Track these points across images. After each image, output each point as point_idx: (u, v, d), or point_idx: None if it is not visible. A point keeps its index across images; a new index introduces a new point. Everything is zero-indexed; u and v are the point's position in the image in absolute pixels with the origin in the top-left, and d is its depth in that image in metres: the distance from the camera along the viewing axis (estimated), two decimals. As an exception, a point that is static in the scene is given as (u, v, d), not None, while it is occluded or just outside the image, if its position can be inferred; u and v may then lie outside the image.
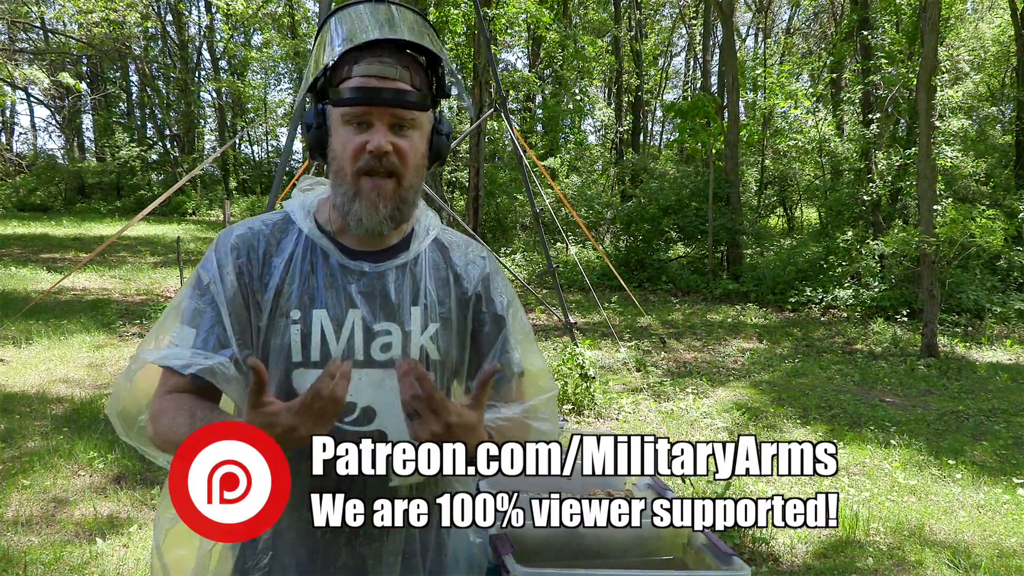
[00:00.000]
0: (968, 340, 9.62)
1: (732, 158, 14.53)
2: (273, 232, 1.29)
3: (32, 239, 16.43)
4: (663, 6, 28.05)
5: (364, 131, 1.21)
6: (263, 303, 1.25)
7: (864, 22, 14.65)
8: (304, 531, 1.27)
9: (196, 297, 1.26)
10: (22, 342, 7.37)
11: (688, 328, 10.29)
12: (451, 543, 1.38)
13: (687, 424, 5.95)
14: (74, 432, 4.98)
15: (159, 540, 1.32)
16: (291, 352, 1.24)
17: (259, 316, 1.26)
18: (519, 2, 14.74)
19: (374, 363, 1.26)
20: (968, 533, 4.08)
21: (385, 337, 1.27)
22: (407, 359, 1.14)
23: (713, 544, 1.52)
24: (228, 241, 1.28)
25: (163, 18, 27.28)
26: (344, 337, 1.25)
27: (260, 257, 1.27)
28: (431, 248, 1.35)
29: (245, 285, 1.25)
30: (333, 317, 1.25)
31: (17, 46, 23.96)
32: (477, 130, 12.76)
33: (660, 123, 31.39)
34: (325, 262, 1.28)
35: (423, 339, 1.29)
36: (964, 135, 14.66)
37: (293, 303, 1.24)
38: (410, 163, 1.24)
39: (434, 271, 1.33)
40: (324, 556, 1.28)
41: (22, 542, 3.52)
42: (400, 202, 1.25)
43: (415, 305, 1.29)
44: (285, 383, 1.25)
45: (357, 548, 1.28)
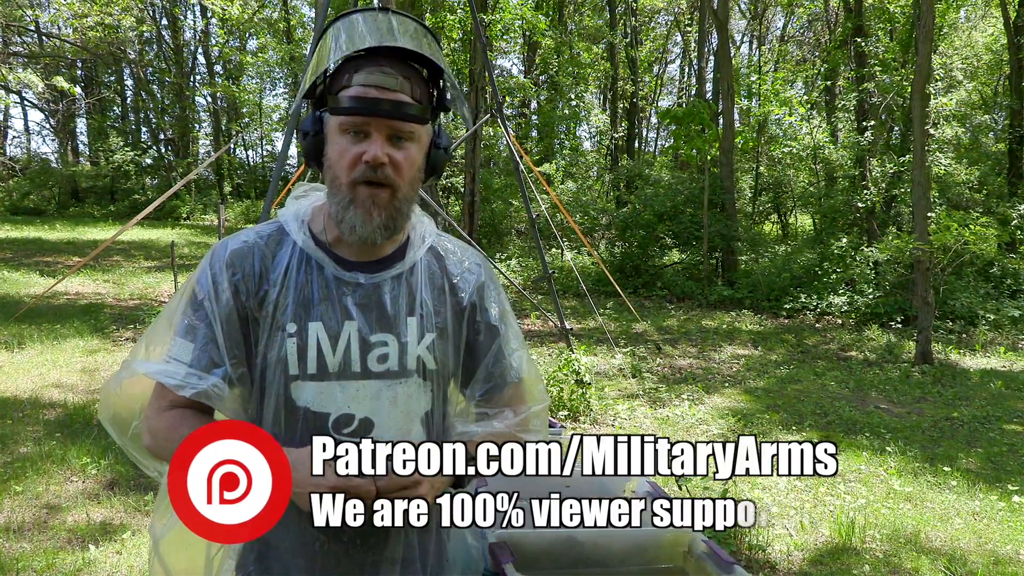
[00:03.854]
0: (962, 347, 9.64)
1: (727, 164, 14.56)
2: (268, 245, 1.28)
3: (25, 243, 16.36)
4: (658, 13, 28.14)
5: (361, 141, 1.21)
6: (261, 318, 1.25)
7: (858, 30, 14.71)
8: (303, 538, 1.26)
9: (190, 313, 1.25)
10: (15, 346, 7.32)
11: (683, 334, 10.30)
12: (450, 549, 1.38)
13: (683, 430, 5.95)
14: (67, 437, 4.95)
15: (160, 550, 1.31)
16: (288, 365, 1.23)
17: (256, 330, 1.25)
18: (515, 8, 14.76)
19: (371, 375, 1.26)
20: (964, 540, 4.08)
21: (382, 348, 1.26)
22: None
23: (714, 552, 1.51)
24: (223, 256, 1.27)
25: (158, 22, 27.24)
26: (340, 349, 1.24)
27: (256, 272, 1.26)
28: (427, 256, 1.35)
29: (241, 303, 1.25)
30: (329, 329, 1.24)
31: (11, 49, 23.90)
32: (473, 135, 12.76)
33: (655, 129, 31.49)
34: (320, 274, 1.27)
35: (420, 349, 1.28)
36: (957, 143, 14.73)
37: (288, 316, 1.24)
38: (406, 176, 1.23)
39: (430, 280, 1.33)
40: (323, 563, 1.27)
41: (14, 548, 3.48)
42: (395, 212, 1.24)
43: (411, 315, 1.29)
44: (284, 396, 1.24)
45: (356, 555, 1.27)
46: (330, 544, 1.26)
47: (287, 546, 1.27)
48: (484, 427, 1.31)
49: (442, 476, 1.20)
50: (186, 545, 1.31)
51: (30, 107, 29.73)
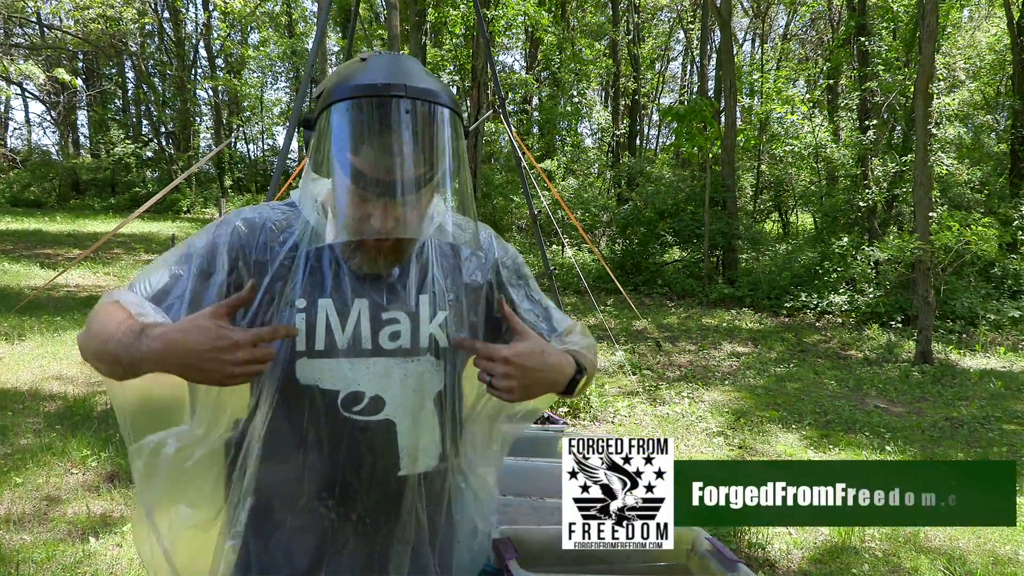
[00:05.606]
0: (962, 347, 9.64)
1: (728, 163, 14.55)
2: (280, 221, 1.27)
3: (25, 235, 16.34)
4: (661, 10, 28.10)
5: (368, 200, 1.15)
6: (265, 293, 1.22)
7: (861, 28, 14.69)
8: (311, 520, 1.25)
9: (180, 262, 1.24)
10: (15, 338, 7.32)
11: (683, 332, 10.30)
12: (459, 534, 1.37)
13: (683, 428, 5.95)
14: (67, 430, 4.95)
15: (153, 520, 1.27)
16: (295, 341, 1.21)
17: (255, 305, 1.22)
18: (518, 4, 14.74)
19: (382, 352, 1.24)
20: (963, 541, 4.08)
21: (393, 326, 1.24)
22: (455, 338, 1.24)
23: (718, 551, 1.51)
24: (234, 222, 1.26)
25: (160, 15, 27.18)
26: (350, 326, 1.22)
27: (262, 243, 1.24)
28: (438, 236, 1.30)
29: (237, 271, 1.22)
30: (338, 306, 1.22)
31: (13, 41, 23.86)
32: (475, 132, 12.74)
33: (657, 127, 31.47)
34: (331, 251, 1.25)
35: (432, 327, 1.27)
36: (960, 142, 14.72)
37: (298, 292, 1.22)
38: (416, 227, 1.20)
39: (441, 258, 1.31)
40: (333, 544, 1.26)
41: (14, 540, 3.48)
42: (403, 249, 1.24)
43: (423, 293, 1.27)
44: (288, 372, 1.22)
45: (366, 537, 1.26)
46: (340, 523, 1.25)
47: (296, 524, 1.26)
48: (558, 344, 1.36)
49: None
50: (181, 517, 1.28)
51: (31, 99, 29.67)
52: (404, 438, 1.25)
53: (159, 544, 1.27)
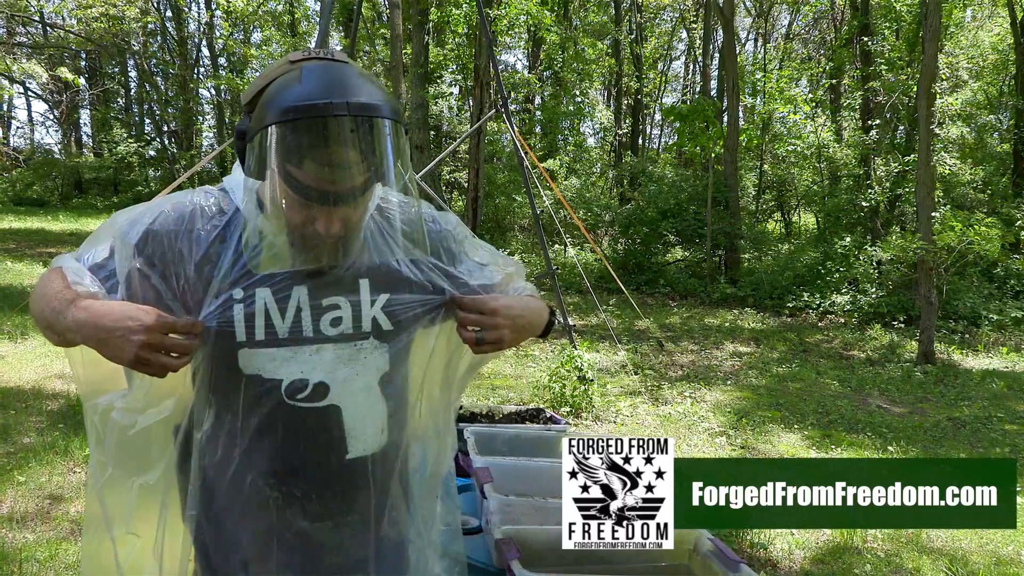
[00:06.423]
0: (964, 347, 9.63)
1: (731, 162, 14.54)
2: (208, 210, 1.24)
3: (28, 233, 16.37)
4: (663, 9, 28.05)
5: (312, 207, 1.15)
6: (193, 284, 1.20)
7: (864, 28, 14.67)
8: (259, 504, 1.26)
9: (104, 249, 1.25)
10: (17, 337, 7.34)
11: (686, 332, 10.29)
12: (413, 510, 1.38)
13: (685, 428, 5.95)
14: (70, 428, 4.96)
15: (101, 492, 1.27)
16: (235, 331, 1.19)
17: (190, 293, 1.21)
18: (520, 3, 14.73)
19: (324, 338, 1.23)
20: (965, 541, 4.08)
21: (334, 312, 1.23)
22: (451, 295, 1.29)
23: (720, 551, 1.51)
24: (164, 207, 1.25)
25: (163, 14, 27.18)
26: (290, 314, 1.21)
27: (186, 230, 1.22)
28: (376, 216, 1.27)
29: (157, 268, 1.21)
30: (277, 295, 1.20)
31: (16, 40, 23.89)
32: (477, 131, 12.75)
33: (659, 126, 31.41)
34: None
35: (374, 310, 1.25)
36: (962, 142, 14.69)
37: (234, 282, 1.20)
38: (358, 224, 1.22)
39: (381, 239, 1.27)
40: (281, 526, 1.26)
41: (17, 539, 3.49)
42: (346, 249, 1.23)
43: (362, 277, 1.25)
44: (231, 363, 1.21)
45: (314, 519, 1.27)
46: (287, 506, 1.25)
47: (245, 509, 1.27)
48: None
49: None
50: (128, 489, 1.27)
51: (34, 98, 29.76)
52: (350, 422, 1.25)
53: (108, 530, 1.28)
